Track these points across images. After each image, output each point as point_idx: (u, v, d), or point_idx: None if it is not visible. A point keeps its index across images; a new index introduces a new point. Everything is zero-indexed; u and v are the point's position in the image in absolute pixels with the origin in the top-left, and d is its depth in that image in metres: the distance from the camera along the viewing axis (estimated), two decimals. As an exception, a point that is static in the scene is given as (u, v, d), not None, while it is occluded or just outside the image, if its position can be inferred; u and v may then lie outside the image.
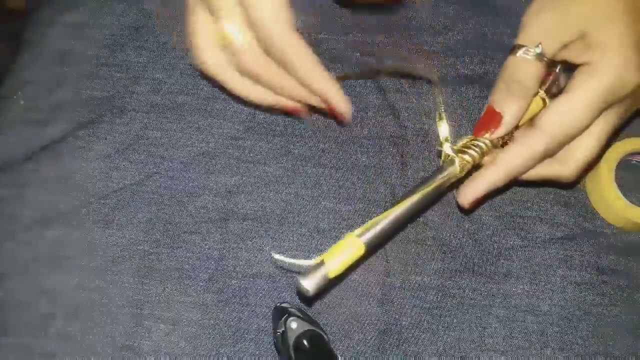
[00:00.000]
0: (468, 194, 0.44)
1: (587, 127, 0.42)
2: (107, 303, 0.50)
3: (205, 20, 0.42)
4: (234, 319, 0.49)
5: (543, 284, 0.50)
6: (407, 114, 0.54)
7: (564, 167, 0.44)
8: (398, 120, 0.54)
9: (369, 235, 0.40)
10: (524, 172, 0.44)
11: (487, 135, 0.43)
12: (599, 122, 0.42)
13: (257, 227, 0.51)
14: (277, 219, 0.52)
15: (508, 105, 0.43)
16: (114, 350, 0.48)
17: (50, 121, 0.55)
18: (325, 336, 0.45)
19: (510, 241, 0.51)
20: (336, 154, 0.53)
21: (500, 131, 0.43)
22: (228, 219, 0.52)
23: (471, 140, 0.44)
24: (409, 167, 0.53)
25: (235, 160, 0.53)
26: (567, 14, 0.42)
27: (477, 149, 0.43)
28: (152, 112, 0.55)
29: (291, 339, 0.44)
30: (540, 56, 0.42)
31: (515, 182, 0.46)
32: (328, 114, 0.45)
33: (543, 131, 0.42)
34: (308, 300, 0.49)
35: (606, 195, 0.51)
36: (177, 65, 0.56)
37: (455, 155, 0.43)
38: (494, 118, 0.43)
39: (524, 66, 0.42)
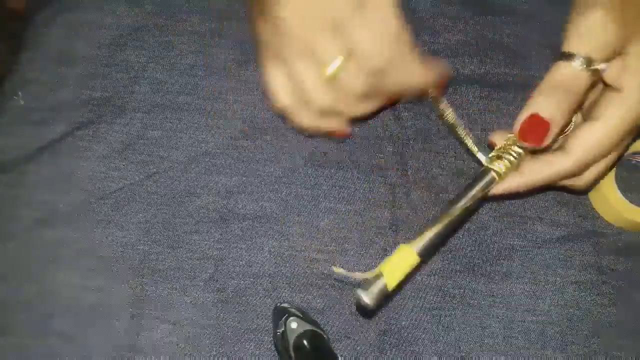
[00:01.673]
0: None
1: (614, 149, 0.43)
2: (107, 303, 0.50)
3: (279, 70, 0.44)
4: (234, 319, 0.49)
5: (543, 284, 0.50)
6: (407, 114, 0.54)
7: (579, 179, 0.45)
8: (398, 120, 0.54)
9: (421, 245, 0.41)
10: (547, 185, 0.45)
11: (528, 144, 0.42)
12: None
13: (257, 227, 0.51)
14: (277, 219, 0.52)
15: (562, 117, 0.41)
16: (114, 350, 0.48)
17: (50, 121, 0.55)
18: (325, 336, 0.45)
19: (510, 241, 0.51)
20: (336, 154, 0.53)
21: (546, 143, 0.41)
22: (228, 219, 0.52)
23: (509, 143, 0.44)
24: (409, 167, 0.53)
25: (235, 160, 0.53)
26: (623, 31, 0.40)
27: (516, 156, 0.43)
28: (152, 112, 0.55)
29: (291, 339, 0.44)
30: (596, 72, 0.40)
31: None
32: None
33: (572, 155, 0.42)
34: (369, 313, 0.49)
35: (606, 195, 0.51)
36: (177, 65, 0.56)
37: (492, 165, 0.43)
38: (543, 128, 0.41)
39: (581, 79, 0.40)
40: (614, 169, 0.51)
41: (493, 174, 0.43)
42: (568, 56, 0.40)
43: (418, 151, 0.54)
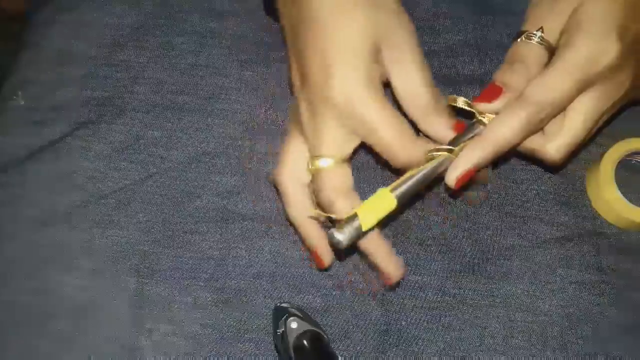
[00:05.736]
0: (452, 173, 0.43)
1: (565, 98, 0.42)
2: (107, 303, 0.50)
3: (297, 145, 0.46)
4: (234, 319, 0.49)
5: (543, 284, 0.50)
6: (406, 114, 0.54)
7: (551, 143, 0.44)
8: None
9: (401, 190, 0.42)
10: (512, 145, 0.43)
11: (490, 106, 0.43)
12: (585, 99, 0.42)
13: (257, 227, 0.51)
14: (277, 219, 0.52)
15: (509, 79, 0.43)
16: (114, 350, 0.48)
17: (50, 121, 0.55)
18: (325, 336, 0.45)
19: (510, 241, 0.51)
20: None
21: (499, 103, 0.43)
22: (228, 219, 0.52)
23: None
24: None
25: (235, 160, 0.53)
26: (559, 3, 0.43)
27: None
28: (152, 112, 0.55)
29: (291, 339, 0.44)
30: (541, 40, 0.43)
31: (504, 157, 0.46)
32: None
33: (526, 100, 0.42)
34: (340, 253, 0.49)
35: (606, 196, 0.51)
36: (177, 65, 0.56)
37: (481, 119, 0.44)
38: (494, 90, 0.43)
39: (525, 48, 0.44)
40: (614, 169, 0.51)
41: (482, 127, 0.43)
42: (522, 33, 0.45)
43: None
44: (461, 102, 0.44)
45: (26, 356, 0.49)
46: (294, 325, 0.44)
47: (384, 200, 0.42)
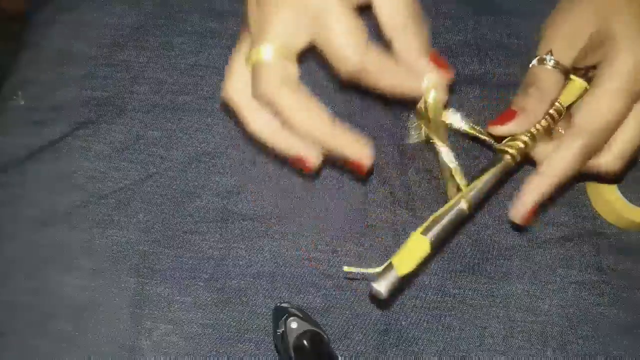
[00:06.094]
0: (519, 209, 0.43)
1: (620, 117, 0.42)
2: (107, 303, 0.50)
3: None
4: (234, 319, 0.49)
5: (543, 284, 0.50)
6: (406, 115, 0.54)
7: (604, 159, 0.44)
8: (397, 119, 0.54)
9: (433, 232, 0.41)
10: (574, 174, 0.43)
11: (502, 128, 0.43)
12: (632, 112, 0.42)
13: (257, 227, 0.51)
14: (277, 219, 0.52)
15: (524, 104, 0.43)
16: (114, 350, 0.48)
17: (50, 121, 0.55)
18: (325, 336, 0.45)
19: (510, 241, 0.51)
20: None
21: (512, 125, 0.43)
22: (228, 219, 0.52)
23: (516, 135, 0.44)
24: (408, 167, 0.53)
25: (235, 160, 0.53)
26: (576, 19, 0.43)
27: (527, 134, 0.43)
28: (152, 112, 0.55)
29: (291, 339, 0.44)
30: (555, 64, 0.43)
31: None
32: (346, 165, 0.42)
33: (579, 128, 0.42)
34: (384, 303, 0.49)
35: (606, 195, 0.51)
36: (177, 65, 0.56)
37: (504, 148, 0.43)
38: (508, 114, 0.43)
39: (538, 73, 0.43)
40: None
41: (507, 156, 0.43)
42: (535, 57, 0.44)
43: (418, 150, 0.54)
44: (475, 130, 0.43)
45: (26, 356, 0.49)
46: (294, 325, 0.44)
47: (417, 244, 0.40)
